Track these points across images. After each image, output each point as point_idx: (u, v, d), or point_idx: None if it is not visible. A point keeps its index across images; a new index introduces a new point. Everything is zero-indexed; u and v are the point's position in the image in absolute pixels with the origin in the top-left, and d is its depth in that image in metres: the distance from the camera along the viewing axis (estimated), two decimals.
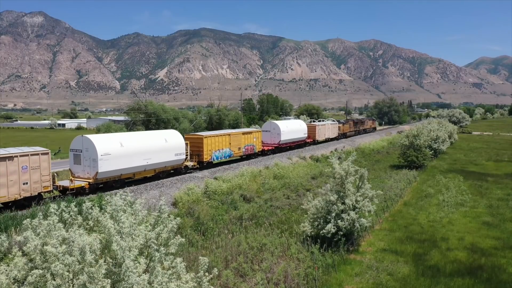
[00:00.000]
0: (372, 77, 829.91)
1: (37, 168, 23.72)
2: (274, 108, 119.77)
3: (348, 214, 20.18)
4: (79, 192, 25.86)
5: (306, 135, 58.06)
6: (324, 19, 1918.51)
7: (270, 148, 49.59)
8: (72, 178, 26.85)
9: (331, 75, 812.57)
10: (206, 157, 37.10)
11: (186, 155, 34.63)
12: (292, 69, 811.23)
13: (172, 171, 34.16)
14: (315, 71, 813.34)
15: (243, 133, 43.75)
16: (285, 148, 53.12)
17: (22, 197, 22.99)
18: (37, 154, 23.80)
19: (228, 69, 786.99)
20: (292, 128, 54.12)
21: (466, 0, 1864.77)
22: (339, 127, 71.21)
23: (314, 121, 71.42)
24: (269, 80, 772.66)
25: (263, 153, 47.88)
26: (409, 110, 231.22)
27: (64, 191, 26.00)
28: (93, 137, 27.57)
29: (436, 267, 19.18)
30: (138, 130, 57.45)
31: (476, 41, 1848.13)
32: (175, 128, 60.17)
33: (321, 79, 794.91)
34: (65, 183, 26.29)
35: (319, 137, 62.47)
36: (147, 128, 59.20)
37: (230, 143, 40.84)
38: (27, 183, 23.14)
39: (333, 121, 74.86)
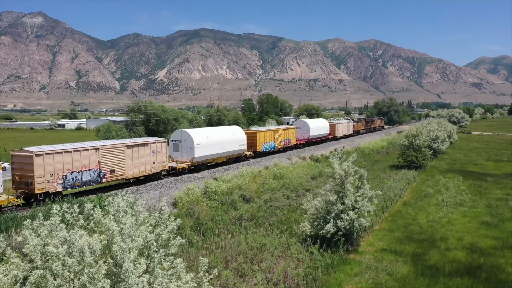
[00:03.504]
0: (371, 77, 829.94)
1: (159, 152, 31.51)
2: (274, 108, 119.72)
3: (348, 214, 20.23)
4: (181, 172, 34.08)
5: (328, 132, 66.15)
6: (323, 19, 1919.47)
7: (301, 142, 57.08)
8: (176, 161, 34.59)
9: (331, 75, 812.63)
10: (258, 148, 45.14)
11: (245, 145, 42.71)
12: (291, 69, 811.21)
13: (235, 158, 41.55)
14: (315, 71, 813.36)
15: (283, 129, 52.04)
16: (313, 143, 60.80)
17: (152, 173, 30.86)
18: (160, 142, 31.65)
19: (228, 69, 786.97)
20: (318, 125, 62.74)
21: (466, 0, 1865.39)
22: (353, 125, 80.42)
23: (333, 120, 77.66)
24: (268, 80, 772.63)
25: (296, 146, 55.14)
26: (409, 110, 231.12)
27: (169, 170, 33.60)
28: (189, 131, 35.95)
29: (435, 267, 19.24)
30: (137, 130, 57.42)
31: (476, 41, 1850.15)
32: (176, 129, 60.20)
33: (320, 79, 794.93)
34: (173, 165, 33.95)
35: (338, 133, 70.41)
36: (147, 128, 59.09)
37: (274, 137, 48.52)
38: (154, 162, 31.01)
39: (349, 120, 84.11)
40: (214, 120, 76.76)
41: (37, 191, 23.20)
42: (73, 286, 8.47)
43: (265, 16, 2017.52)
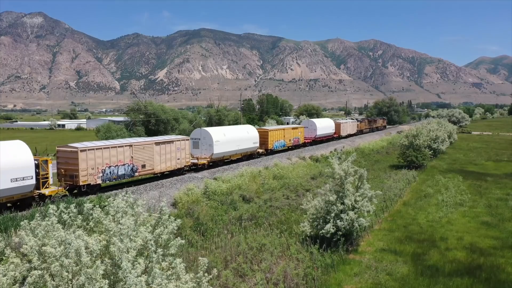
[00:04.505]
0: (371, 77, 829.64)
1: (183, 149, 33.83)
2: (274, 108, 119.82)
3: (347, 214, 20.20)
4: (202, 167, 36.11)
5: (334, 131, 68.65)
6: (323, 19, 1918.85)
7: (309, 141, 59.36)
8: (197, 158, 36.42)
9: (331, 75, 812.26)
10: (270, 146, 47.60)
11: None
12: (291, 69, 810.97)
13: (248, 155, 43.88)
14: (315, 71, 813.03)
15: (292, 128, 54.95)
16: (320, 141, 63.20)
17: (176, 168, 33.26)
18: (184, 140, 34.07)
19: (228, 69, 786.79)
20: (324, 125, 65.31)
21: (466, 0, 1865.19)
22: (357, 124, 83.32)
23: (338, 119, 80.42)
24: (268, 80, 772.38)
25: (304, 144, 57.37)
26: (409, 110, 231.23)
27: (190, 166, 35.39)
28: (208, 129, 38.26)
29: (435, 267, 19.21)
30: (137, 130, 57.34)
31: (476, 41, 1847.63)
32: (175, 129, 60.14)
33: (320, 79, 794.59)
34: (194, 161, 35.94)
35: (343, 132, 72.84)
36: (147, 128, 59.04)
37: (284, 136, 51.01)
38: (179, 158, 33.34)
39: (353, 119, 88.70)
40: (214, 120, 76.66)
41: (81, 183, 25.48)
42: (72, 286, 8.46)
43: (265, 16, 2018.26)
